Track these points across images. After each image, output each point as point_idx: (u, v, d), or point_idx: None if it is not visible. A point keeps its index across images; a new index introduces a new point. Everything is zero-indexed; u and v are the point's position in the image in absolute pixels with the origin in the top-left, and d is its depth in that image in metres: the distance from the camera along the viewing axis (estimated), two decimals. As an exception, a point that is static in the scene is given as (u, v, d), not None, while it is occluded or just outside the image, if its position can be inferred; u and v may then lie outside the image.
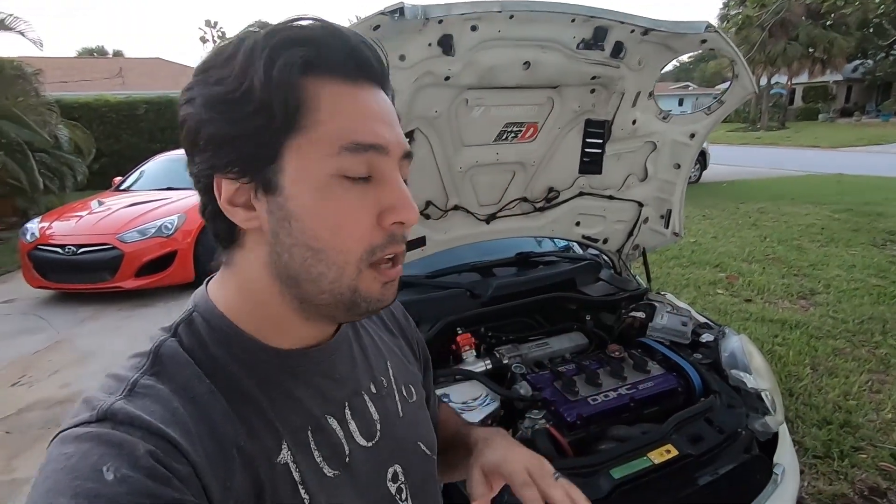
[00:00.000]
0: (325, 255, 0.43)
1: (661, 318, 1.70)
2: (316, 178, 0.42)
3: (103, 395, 0.40)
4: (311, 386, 0.48)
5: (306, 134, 0.41)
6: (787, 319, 3.58)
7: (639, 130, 1.74)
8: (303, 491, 0.44)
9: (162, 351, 0.43)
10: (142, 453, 0.36)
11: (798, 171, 11.25)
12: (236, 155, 0.42)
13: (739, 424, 1.34)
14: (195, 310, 0.47)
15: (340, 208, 0.42)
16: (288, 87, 0.41)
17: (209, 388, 0.42)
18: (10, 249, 6.31)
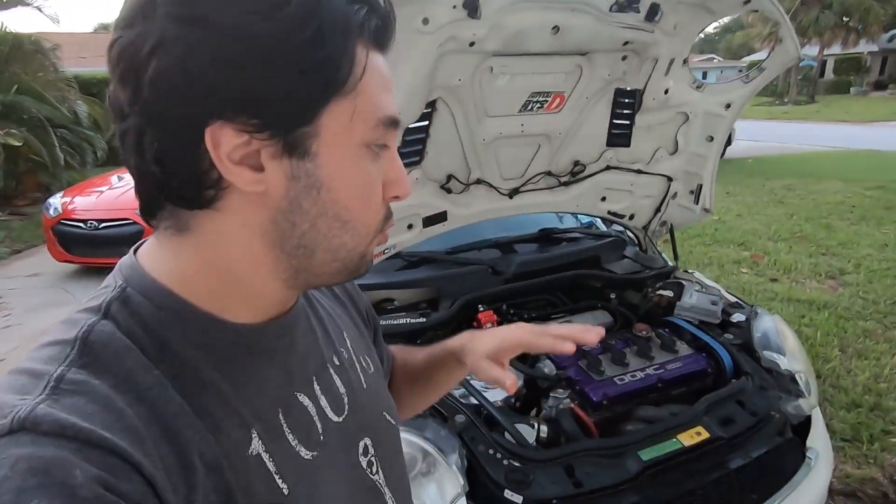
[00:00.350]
0: (351, 227, 0.40)
1: (689, 296, 1.64)
2: (352, 148, 0.39)
3: (14, 398, 0.30)
4: (275, 362, 0.43)
5: (351, 99, 0.37)
6: (815, 300, 3.48)
7: (671, 100, 1.65)
8: (280, 481, 0.39)
9: (92, 337, 0.35)
10: (80, 481, 0.28)
11: (827, 147, 10.85)
12: (264, 107, 0.34)
13: (772, 407, 1.29)
14: (128, 285, 0.39)
15: (369, 181, 0.41)
16: (356, 47, 0.37)
17: (158, 380, 0.35)
18: (35, 224, 6.43)
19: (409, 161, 1.45)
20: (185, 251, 0.39)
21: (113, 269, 0.41)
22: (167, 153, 0.35)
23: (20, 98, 6.95)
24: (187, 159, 0.35)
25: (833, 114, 17.94)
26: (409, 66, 1.21)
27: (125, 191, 4.78)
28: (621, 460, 1.10)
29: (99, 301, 0.38)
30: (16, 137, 6.42)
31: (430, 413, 1.20)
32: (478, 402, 1.26)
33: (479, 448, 1.11)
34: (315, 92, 0.36)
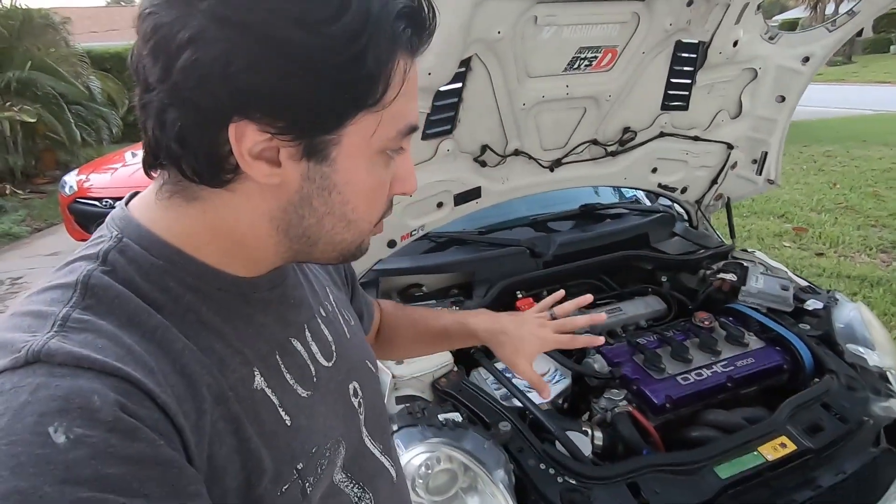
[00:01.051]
0: (355, 226, 0.42)
1: (755, 280, 1.45)
2: (368, 155, 0.40)
3: (23, 335, 0.32)
4: (269, 311, 0.46)
5: (377, 111, 0.38)
6: (867, 275, 3.24)
7: (739, 54, 1.43)
8: (283, 412, 0.42)
9: (93, 281, 0.36)
10: (97, 404, 0.29)
11: (868, 110, 10.22)
12: (291, 113, 0.36)
13: (863, 411, 1.12)
14: (124, 235, 0.40)
15: (379, 184, 0.43)
16: (393, 65, 0.37)
17: (161, 322, 0.37)
18: (54, 202, 6.42)
19: (440, 130, 1.27)
20: (189, 216, 0.40)
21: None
22: (189, 135, 0.36)
23: (34, 74, 6.85)
24: (208, 144, 0.36)
25: (872, 74, 16.94)
26: (442, 14, 1.01)
27: (139, 167, 4.67)
28: (695, 478, 0.95)
29: (96, 249, 0.39)
30: (29, 113, 6.36)
31: (469, 419, 1.06)
32: (522, 406, 1.11)
33: (528, 462, 0.97)
34: (346, 105, 0.37)
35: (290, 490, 0.41)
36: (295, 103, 0.35)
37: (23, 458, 0.27)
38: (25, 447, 0.27)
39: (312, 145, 0.37)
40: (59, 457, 0.27)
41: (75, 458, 0.28)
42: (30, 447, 0.27)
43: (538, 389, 0.71)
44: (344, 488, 0.48)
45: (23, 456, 0.27)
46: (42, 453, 0.27)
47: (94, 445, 0.28)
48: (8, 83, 6.71)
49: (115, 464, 0.29)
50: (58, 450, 0.27)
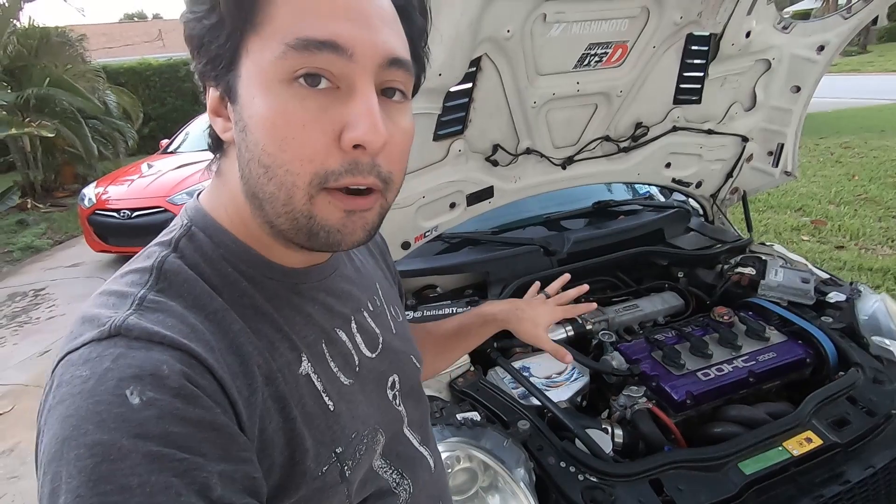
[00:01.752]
0: (273, 173, 0.38)
1: (774, 273, 1.43)
2: (266, 83, 0.37)
3: (108, 312, 0.36)
4: (317, 302, 0.48)
5: (259, 31, 0.37)
6: (891, 268, 3.17)
7: (752, 45, 1.41)
8: (326, 398, 0.45)
9: (166, 266, 0.40)
10: (166, 372, 0.33)
11: (886, 100, 10.00)
12: (206, 58, 0.39)
13: (891, 404, 1.09)
14: (192, 224, 0.44)
15: (288, 120, 0.37)
16: None
17: (222, 305, 0.40)
18: (74, 215, 6.53)
19: (451, 130, 1.28)
20: (223, 195, 0.45)
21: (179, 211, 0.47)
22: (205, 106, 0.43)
23: (52, 91, 7.01)
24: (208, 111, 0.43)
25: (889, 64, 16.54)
26: (451, 15, 1.02)
27: (155, 178, 4.77)
28: (719, 474, 0.93)
29: (169, 237, 0.43)
30: (48, 129, 6.51)
31: (487, 419, 1.05)
32: (540, 404, 1.11)
33: (548, 460, 0.96)
34: (222, 31, 0.38)
35: (329, 471, 0.43)
36: (201, 46, 0.39)
37: (104, 415, 0.31)
38: (107, 406, 0.31)
39: (226, 86, 0.40)
40: (133, 415, 0.31)
41: (147, 417, 0.31)
42: (110, 406, 0.31)
43: (560, 356, 0.81)
44: (382, 474, 0.50)
45: (104, 413, 0.31)
46: (120, 412, 0.31)
47: (162, 407, 0.32)
48: (27, 100, 6.88)
49: (179, 424, 0.32)
50: (133, 409, 0.31)
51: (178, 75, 12.01)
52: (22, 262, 5.14)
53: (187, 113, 11.63)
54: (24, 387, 2.87)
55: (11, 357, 3.22)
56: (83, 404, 0.31)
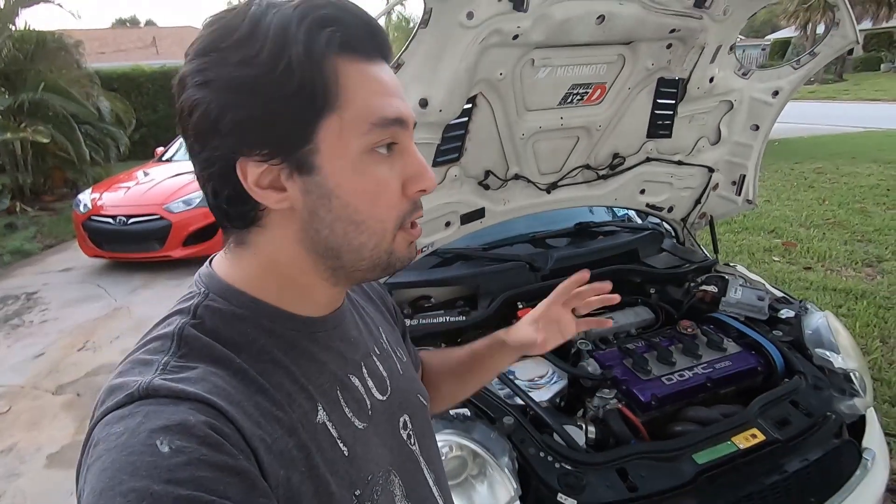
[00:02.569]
0: (365, 227, 0.45)
1: (734, 291, 1.60)
2: (351, 156, 0.43)
3: (135, 378, 0.39)
4: (331, 349, 0.51)
5: (339, 113, 0.42)
6: (853, 289, 3.38)
7: (716, 88, 1.59)
8: (341, 444, 0.47)
9: (186, 333, 0.43)
10: (193, 423, 0.36)
11: (858, 128, 10.47)
12: (268, 138, 0.42)
13: (827, 407, 1.25)
14: (209, 290, 0.47)
15: (375, 182, 0.45)
16: (324, 67, 0.41)
17: (240, 366, 0.43)
18: (64, 220, 6.58)
19: (448, 158, 1.43)
20: (246, 260, 0.48)
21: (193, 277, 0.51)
22: (217, 188, 0.44)
23: (47, 95, 7.05)
24: (230, 191, 0.44)
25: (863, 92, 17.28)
26: (451, 61, 1.18)
27: (151, 186, 4.85)
28: (676, 464, 1.08)
29: (188, 304, 0.46)
30: (43, 134, 6.54)
31: (476, 415, 1.19)
32: (523, 403, 1.25)
33: (529, 450, 1.10)
34: (302, 116, 0.42)
35: None
36: (266, 128, 0.41)
37: (137, 464, 0.34)
38: (139, 456, 0.34)
39: (297, 161, 0.43)
40: (163, 462, 0.34)
41: (176, 464, 0.34)
42: (142, 456, 0.34)
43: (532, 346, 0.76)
44: None
45: (137, 463, 0.34)
46: (151, 460, 0.34)
47: (190, 454, 0.35)
48: (21, 104, 6.91)
49: (206, 469, 0.35)
50: (163, 457, 0.34)
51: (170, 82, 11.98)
52: (12, 266, 5.16)
53: (179, 120, 11.69)
54: (21, 388, 2.92)
55: (6, 360, 3.27)
56: (118, 457, 0.34)
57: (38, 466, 2.28)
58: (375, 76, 0.44)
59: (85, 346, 3.37)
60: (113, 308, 3.95)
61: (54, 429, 2.54)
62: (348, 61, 0.42)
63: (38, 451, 2.37)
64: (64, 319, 3.81)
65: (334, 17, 0.42)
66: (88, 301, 4.12)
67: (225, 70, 0.41)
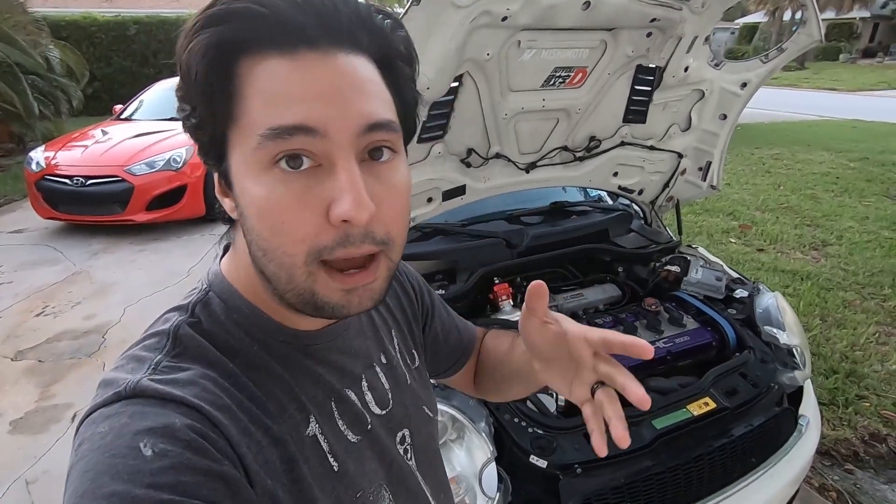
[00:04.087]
0: (272, 256, 0.39)
1: (695, 272, 1.71)
2: (251, 172, 0.38)
3: (126, 375, 0.39)
4: (328, 363, 0.49)
5: (238, 124, 0.38)
6: (799, 270, 3.62)
7: (689, 78, 1.66)
8: (331, 459, 0.46)
9: (181, 332, 0.42)
10: (178, 426, 0.35)
11: (815, 116, 10.94)
12: (202, 149, 0.41)
13: (772, 379, 1.38)
14: (211, 289, 0.46)
15: (280, 205, 0.37)
16: (221, 72, 0.37)
17: (233, 371, 0.42)
18: (12, 178, 6.22)
19: (433, 135, 1.45)
20: (237, 259, 0.47)
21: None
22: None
23: (-13, 41, 6.52)
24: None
25: (822, 81, 17.98)
26: (441, 40, 1.19)
27: (112, 146, 4.62)
28: (637, 429, 1.18)
29: (188, 301, 0.46)
30: (-14, 84, 6.06)
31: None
32: (499, 373, 1.32)
33: (504, 416, 1.18)
34: (211, 123, 0.39)
35: None
36: (196, 137, 0.40)
37: (119, 467, 0.33)
38: (122, 459, 0.33)
39: (223, 174, 0.41)
40: (146, 466, 0.33)
41: (159, 468, 0.33)
42: (125, 458, 0.33)
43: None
44: None
45: (119, 466, 0.33)
46: (134, 464, 0.33)
47: (174, 457, 0.34)
48: (-41, 50, 6.39)
49: (190, 474, 0.34)
50: (146, 460, 0.33)
51: (126, 34, 11.31)
52: (-43, 226, 4.87)
53: (135, 75, 11.02)
54: (-23, 353, 2.83)
55: (-42, 324, 3.13)
56: (101, 458, 0.33)
57: (1, 432, 2.24)
58: (285, 75, 0.36)
59: (44, 312, 3.27)
60: (72, 272, 3.81)
61: (16, 395, 2.48)
62: (255, 61, 0.37)
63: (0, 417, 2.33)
64: (19, 283, 3.65)
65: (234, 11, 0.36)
66: (45, 264, 3.96)
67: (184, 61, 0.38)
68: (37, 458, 2.09)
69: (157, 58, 11.51)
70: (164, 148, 4.52)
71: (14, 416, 2.34)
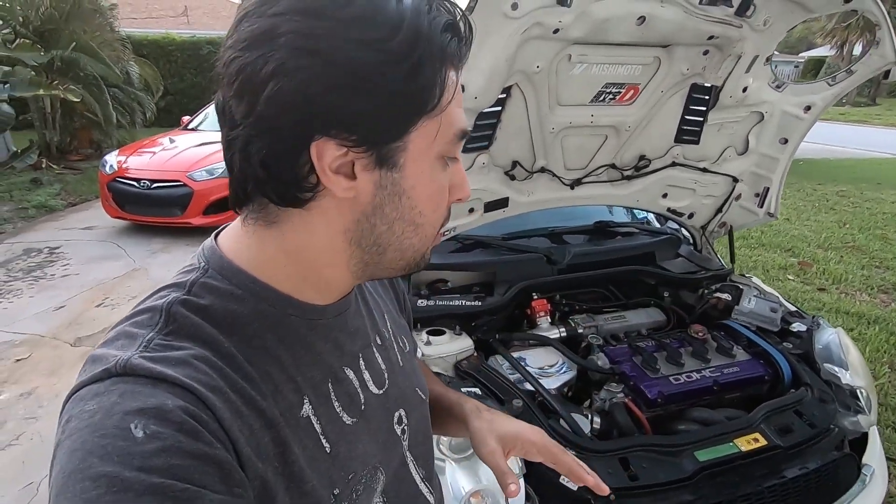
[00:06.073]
0: (422, 230, 0.46)
1: (748, 301, 1.61)
2: (430, 160, 0.44)
3: (116, 352, 0.38)
4: (329, 339, 0.49)
5: (437, 119, 0.42)
6: (866, 313, 3.36)
7: (748, 99, 1.60)
8: (324, 440, 0.46)
9: (174, 309, 0.41)
10: (170, 407, 0.35)
11: (887, 154, 10.28)
12: (362, 126, 0.39)
13: (831, 420, 1.27)
14: (209, 266, 0.45)
15: (440, 188, 0.46)
16: (443, 72, 0.41)
17: (228, 350, 0.41)
18: (88, 179, 6.72)
19: (478, 145, 1.46)
20: (269, 241, 0.45)
21: (197, 249, 0.48)
22: (274, 159, 0.40)
23: (78, 55, 7.16)
24: (291, 166, 0.40)
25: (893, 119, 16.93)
26: (492, 50, 1.20)
27: (177, 153, 4.93)
28: (677, 459, 1.11)
29: (185, 278, 0.44)
30: (74, 93, 6.66)
31: (486, 394, 1.23)
32: (533, 389, 1.28)
33: (535, 433, 1.14)
34: (409, 114, 0.41)
35: None
36: (366, 116, 0.39)
37: (109, 448, 0.32)
38: (112, 440, 0.33)
39: (383, 154, 0.41)
40: (136, 448, 0.32)
41: (150, 450, 0.33)
42: (115, 439, 0.33)
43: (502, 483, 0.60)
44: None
45: (109, 447, 0.32)
46: (123, 445, 0.32)
47: (165, 440, 0.33)
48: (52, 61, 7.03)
49: (182, 457, 0.33)
50: (136, 442, 0.33)
51: (199, 53, 12.15)
52: (36, 220, 5.28)
53: (205, 90, 11.77)
54: (41, 337, 3.02)
55: (28, 308, 3.37)
56: (89, 438, 0.33)
57: (55, 411, 2.36)
58: (459, 87, 0.44)
59: (103, 303, 3.47)
60: (132, 268, 4.05)
61: (72, 378, 2.54)
62: (452, 69, 0.43)
63: (56, 398, 2.46)
64: (84, 275, 3.91)
65: (455, 24, 0.42)
66: (108, 260, 4.22)
67: (340, 44, 0.37)
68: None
69: (226, 75, 12.23)
70: (224, 157, 4.76)
71: (67, 399, 2.47)
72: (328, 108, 0.38)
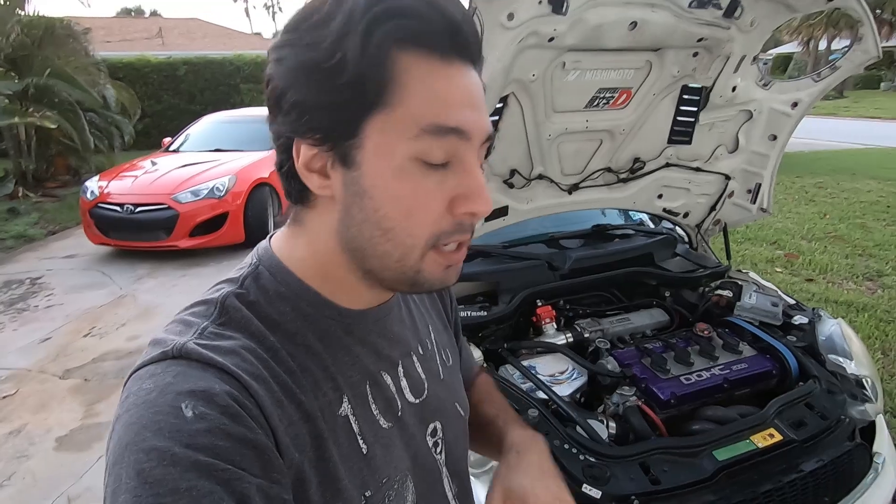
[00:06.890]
0: (393, 236, 0.43)
1: (749, 297, 1.63)
2: (395, 159, 0.41)
3: (174, 337, 0.41)
4: (367, 344, 0.50)
5: (391, 112, 0.40)
6: (854, 301, 3.43)
7: (737, 98, 1.63)
8: (361, 441, 0.46)
9: (228, 302, 0.44)
10: (217, 391, 0.37)
11: (858, 144, 10.58)
12: (319, 123, 0.41)
13: (841, 411, 1.29)
14: (260, 264, 0.48)
15: (415, 193, 0.42)
16: (382, 62, 0.39)
17: (273, 344, 0.43)
18: (67, 206, 6.57)
19: (477, 155, 1.46)
20: (299, 240, 0.48)
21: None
22: (281, 161, 0.45)
23: (53, 81, 7.04)
24: (289, 166, 0.44)
25: (863, 109, 17.46)
26: (489, 59, 1.21)
27: (159, 176, 4.85)
28: (696, 459, 1.11)
29: (238, 274, 0.47)
30: (51, 120, 6.54)
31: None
32: (546, 397, 1.27)
33: (553, 442, 1.12)
34: (354, 108, 0.40)
35: None
36: (318, 114, 0.40)
37: (162, 424, 0.35)
38: (164, 416, 0.35)
39: (342, 152, 0.41)
40: (186, 426, 0.35)
41: (198, 430, 0.35)
42: (167, 416, 0.35)
43: None
44: None
45: (162, 423, 0.35)
46: (175, 422, 0.35)
47: (211, 421, 0.36)
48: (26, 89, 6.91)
49: (225, 439, 0.36)
50: (186, 421, 0.35)
51: (176, 74, 12.04)
52: (15, 251, 5.14)
53: (182, 111, 11.66)
54: (27, 371, 2.93)
55: (12, 342, 3.27)
56: (145, 413, 0.36)
57: (47, 448, 2.29)
58: (444, 78, 0.41)
59: (91, 333, 3.38)
60: (118, 296, 3.95)
61: (63, 412, 2.54)
62: (414, 58, 0.39)
63: (46, 434, 2.38)
64: (69, 305, 3.81)
65: (408, 7, 0.39)
66: (93, 288, 4.12)
67: (294, 51, 0.41)
68: (80, 476, 2.11)
69: (204, 95, 12.17)
70: (209, 177, 4.71)
71: (60, 433, 2.39)
72: (291, 109, 0.41)
